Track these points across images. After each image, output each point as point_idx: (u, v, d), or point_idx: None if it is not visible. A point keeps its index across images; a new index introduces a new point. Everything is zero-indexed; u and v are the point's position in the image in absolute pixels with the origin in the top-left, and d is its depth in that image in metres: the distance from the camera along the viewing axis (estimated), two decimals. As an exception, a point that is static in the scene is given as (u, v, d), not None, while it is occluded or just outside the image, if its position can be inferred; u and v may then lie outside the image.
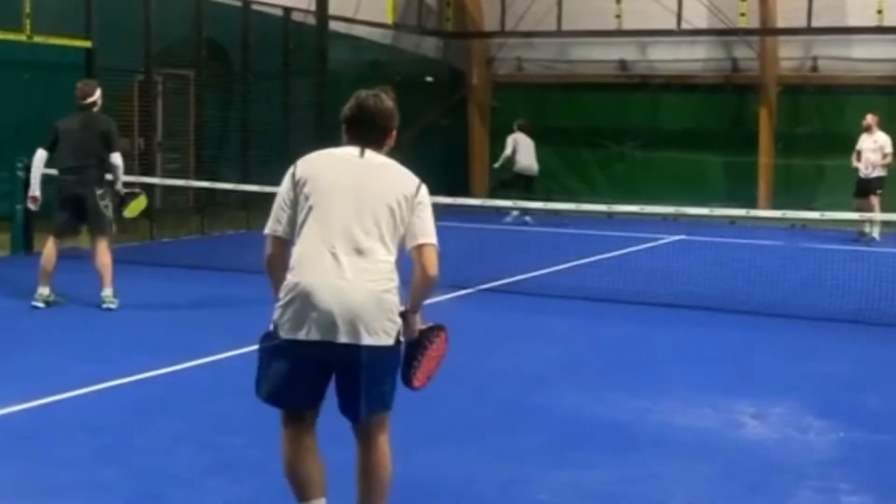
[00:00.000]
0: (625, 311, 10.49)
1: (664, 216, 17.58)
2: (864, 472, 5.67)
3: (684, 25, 20.40)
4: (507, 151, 19.27)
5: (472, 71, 23.07)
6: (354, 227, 4.13)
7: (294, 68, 18.33)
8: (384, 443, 4.38)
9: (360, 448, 4.39)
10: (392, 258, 4.20)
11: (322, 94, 18.59)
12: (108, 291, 9.68)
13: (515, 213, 18.56)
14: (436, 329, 4.54)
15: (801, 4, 19.55)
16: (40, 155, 9.89)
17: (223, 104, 17.42)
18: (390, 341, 4.18)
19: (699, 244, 16.04)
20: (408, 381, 4.45)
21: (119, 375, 7.19)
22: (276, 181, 4.27)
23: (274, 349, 4.19)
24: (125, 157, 15.58)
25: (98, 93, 9.90)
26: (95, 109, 9.87)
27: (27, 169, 12.77)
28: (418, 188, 4.30)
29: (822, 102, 20.54)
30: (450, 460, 5.74)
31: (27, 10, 13.39)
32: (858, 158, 17.10)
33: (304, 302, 4.08)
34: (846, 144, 18.69)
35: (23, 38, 13.42)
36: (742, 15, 20.35)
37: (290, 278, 4.14)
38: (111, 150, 9.78)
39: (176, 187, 15.81)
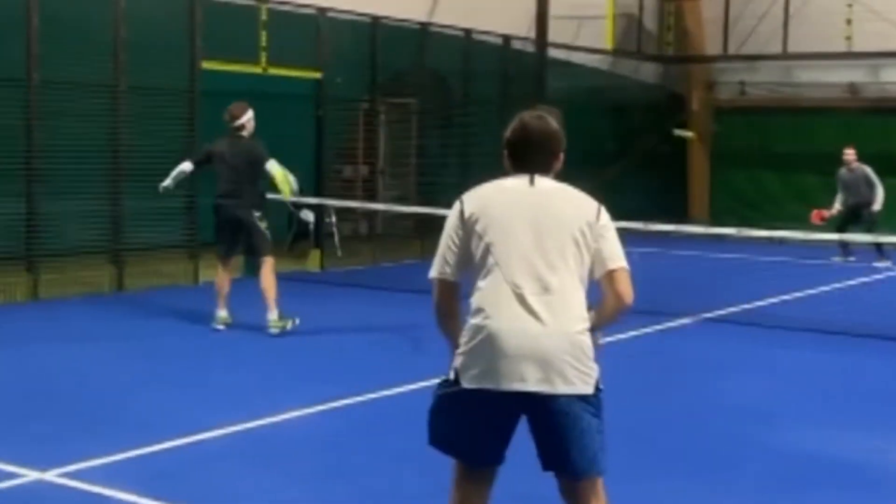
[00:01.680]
0: (857, 344, 10.02)
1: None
2: None
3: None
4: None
5: (692, 95, 22.67)
6: (539, 263, 3.77)
7: (513, 96, 18.49)
8: None
9: None
10: (583, 293, 3.85)
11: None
12: (272, 315, 9.50)
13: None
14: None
15: None
16: (184, 165, 9.89)
17: (443, 132, 17.76)
18: (589, 389, 3.77)
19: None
20: None
21: (342, 396, 7.38)
22: None
23: (454, 397, 3.82)
24: (349, 183, 16.31)
25: (248, 115, 9.69)
26: (245, 133, 9.70)
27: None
28: (598, 211, 3.90)
29: None
30: (670, 493, 5.61)
31: (263, 43, 14.08)
32: None
33: (489, 348, 3.72)
34: None
35: (259, 70, 14.10)
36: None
37: (473, 322, 3.79)
38: (259, 177, 9.72)
39: (398, 213, 16.20)
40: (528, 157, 3.97)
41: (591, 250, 3.86)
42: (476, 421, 3.82)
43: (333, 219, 15.57)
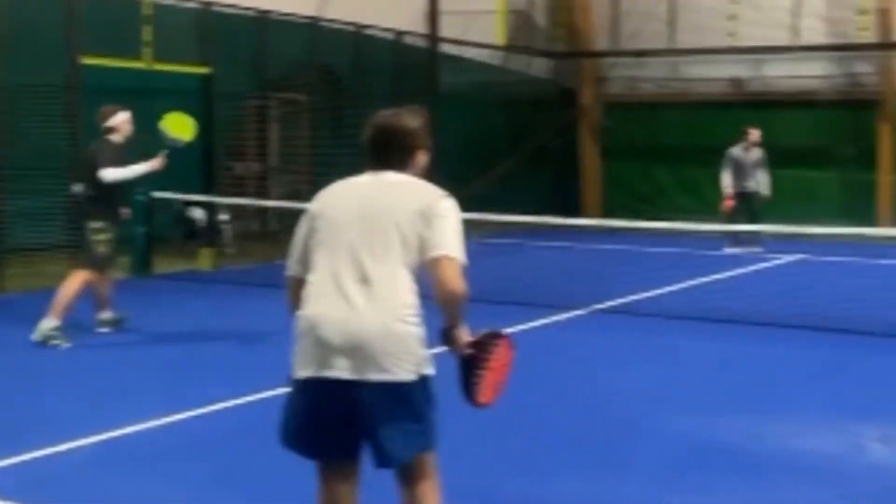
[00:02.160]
0: (740, 330, 10.25)
1: (782, 235, 17.17)
2: None
3: (801, 41, 19.98)
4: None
5: (583, 90, 22.95)
6: (362, 252, 3.81)
7: (405, 91, 18.47)
8: (430, 495, 3.96)
9: (403, 499, 3.98)
10: (408, 281, 3.84)
11: (432, 116, 18.65)
12: (48, 323, 8.87)
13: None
14: (491, 337, 4.18)
15: (924, 16, 18.99)
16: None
17: (335, 128, 17.65)
18: (410, 376, 3.78)
19: (819, 264, 15.65)
20: (472, 399, 4.13)
21: (233, 396, 7.28)
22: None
23: (291, 390, 3.91)
24: (240, 180, 16.09)
25: (118, 117, 9.21)
26: (116, 136, 9.21)
27: (146, 194, 13.22)
28: (436, 200, 3.90)
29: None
30: (563, 482, 5.65)
31: (147, 38, 13.79)
32: None
33: (309, 337, 3.80)
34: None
35: (143, 65, 13.80)
36: (861, 30, 19.85)
37: (300, 314, 3.89)
38: (97, 184, 9.06)
39: (290, 210, 16.04)
40: (380, 153, 4.05)
41: (419, 238, 3.84)
42: (310, 412, 3.86)
43: (225, 217, 15.35)
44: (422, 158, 4.09)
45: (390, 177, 4.00)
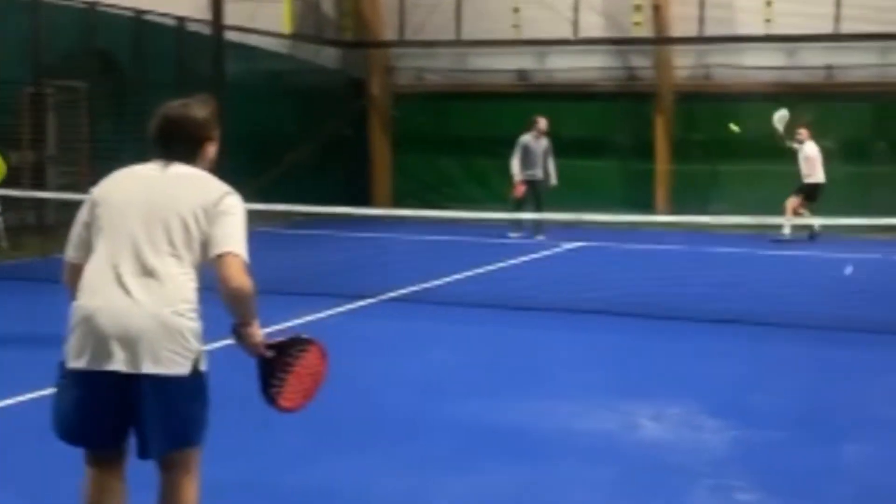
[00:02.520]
0: (526, 317, 10.54)
1: (564, 223, 17.76)
2: (757, 470, 5.77)
3: (581, 35, 20.67)
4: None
5: (372, 81, 23.02)
6: (143, 244, 3.77)
7: (190, 79, 18.07)
8: (186, 487, 3.90)
9: (160, 492, 3.93)
10: (188, 276, 3.82)
11: (219, 105, 18.33)
12: None
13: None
14: (299, 343, 4.16)
15: (694, 14, 19.94)
16: None
17: (117, 116, 17.09)
18: (183, 370, 3.73)
19: (599, 250, 16.26)
20: (272, 402, 4.10)
21: (4, 396, 6.98)
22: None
23: (63, 381, 3.82)
24: (15, 171, 15.34)
25: None
26: None
27: None
28: (221, 197, 3.88)
29: (715, 109, 20.96)
30: (348, 470, 5.68)
31: None
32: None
33: (83, 328, 3.74)
34: (738, 150, 19.14)
35: None
36: (636, 24, 20.71)
37: (75, 303, 3.82)
38: None
39: (69, 202, 15.43)
40: (165, 144, 3.98)
41: (203, 234, 3.82)
42: (82, 403, 3.79)
43: (-3, 209, 14.65)
44: (210, 150, 4.07)
45: (177, 169, 3.94)
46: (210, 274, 3.86)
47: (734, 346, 9.25)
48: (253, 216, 14.25)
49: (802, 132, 17.65)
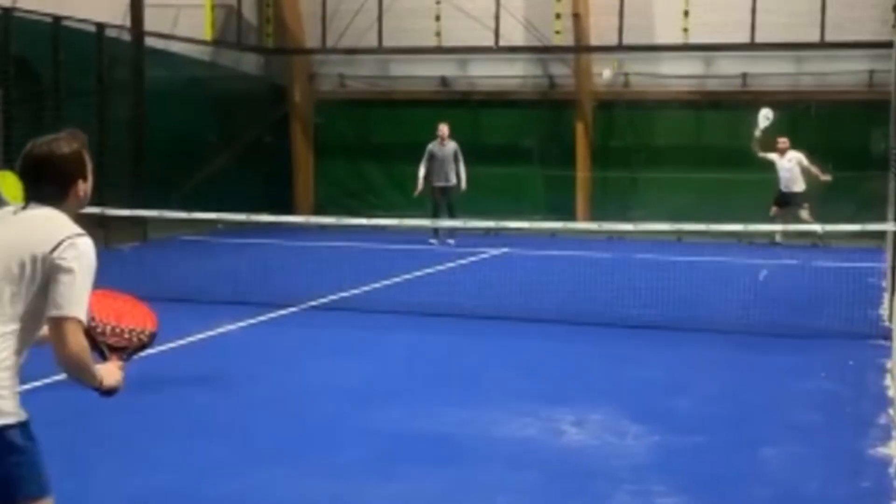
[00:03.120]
0: (449, 324, 10.61)
1: (486, 230, 17.89)
2: (677, 474, 5.89)
3: (502, 43, 20.85)
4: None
5: (294, 87, 22.95)
6: None
7: (109, 85, 17.85)
8: None
9: None
10: (8, 326, 3.46)
11: (139, 112, 18.19)
12: None
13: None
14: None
15: (613, 23, 20.23)
16: None
17: (34, 122, 16.78)
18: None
19: (521, 257, 16.40)
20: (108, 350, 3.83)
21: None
22: (92, 200, 3.93)
23: None
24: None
25: None
26: None
27: None
28: (59, 244, 3.48)
29: (634, 117, 21.30)
30: (271, 480, 5.68)
31: None
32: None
33: None
34: (657, 157, 19.48)
35: None
36: (557, 33, 20.96)
37: None
38: None
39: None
40: (33, 185, 3.66)
41: (35, 286, 3.48)
42: None
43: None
44: (81, 188, 3.72)
45: (34, 212, 3.61)
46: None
47: (655, 351, 9.42)
48: (175, 224, 14.14)
49: (783, 142, 18.02)
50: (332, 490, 5.55)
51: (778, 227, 16.65)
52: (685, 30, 20.12)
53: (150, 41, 18.52)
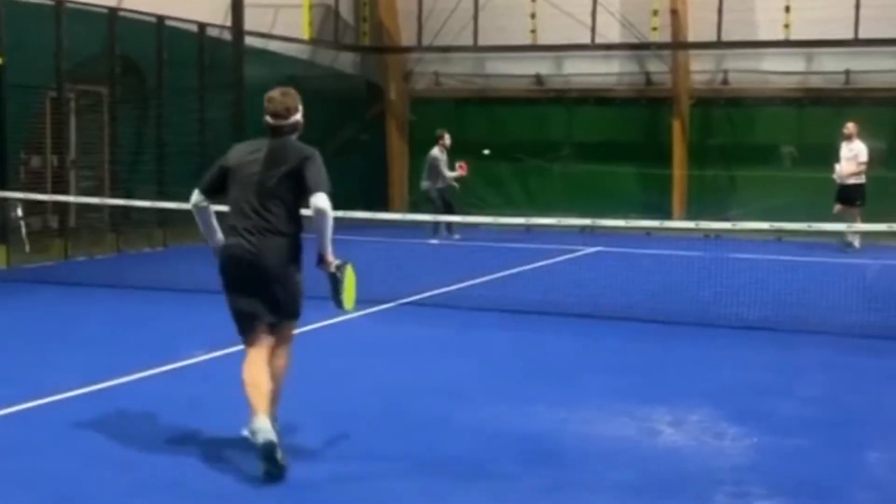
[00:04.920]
0: (544, 322, 10.58)
1: (581, 228, 17.79)
2: (776, 477, 5.79)
3: (598, 40, 20.71)
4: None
5: (390, 86, 23.11)
6: None
7: (210, 84, 18.19)
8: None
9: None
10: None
11: (238, 110, 18.49)
12: None
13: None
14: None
15: (712, 19, 19.97)
16: None
17: (138, 120, 17.21)
18: None
19: (616, 255, 16.27)
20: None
21: (31, 397, 7.05)
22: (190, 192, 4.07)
23: None
24: (38, 175, 15.47)
25: None
26: None
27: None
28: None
29: (733, 114, 20.99)
30: (368, 474, 5.73)
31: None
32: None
33: None
34: (757, 155, 19.13)
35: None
36: (654, 30, 20.75)
37: None
38: None
39: (90, 205, 15.57)
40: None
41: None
42: None
43: (19, 212, 14.75)
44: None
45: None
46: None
47: (755, 351, 9.27)
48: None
49: (850, 127, 17.04)
50: (426, 486, 5.58)
51: (881, 227, 16.05)
52: (786, 26, 19.74)
53: (249, 40, 18.82)
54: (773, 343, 9.64)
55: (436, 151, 18.64)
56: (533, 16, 21.30)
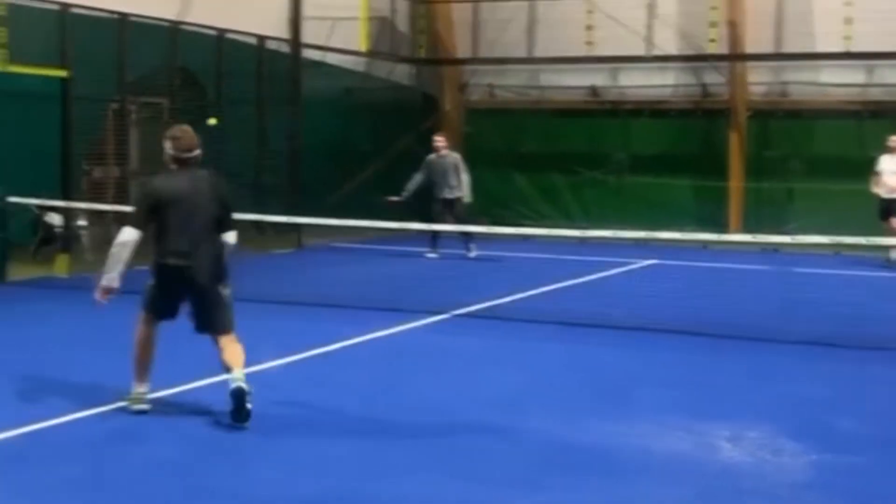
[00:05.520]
0: (598, 334, 10.57)
1: (636, 241, 17.74)
2: (836, 495, 5.76)
3: (654, 52, 20.65)
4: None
5: (445, 97, 23.21)
6: None
7: (267, 96, 18.41)
8: None
9: None
10: None
11: (295, 122, 18.69)
12: None
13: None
14: None
15: (770, 30, 19.84)
16: None
17: (197, 131, 17.41)
18: None
19: (671, 268, 16.20)
20: None
21: (98, 404, 7.19)
22: (251, 206, 4.18)
23: None
24: (99, 185, 15.76)
25: None
26: None
27: (1, 198, 12.98)
28: None
29: (790, 127, 20.80)
30: (424, 486, 5.77)
31: (3, 40, 13.45)
32: (877, 182, 16.60)
33: None
34: (815, 168, 18.95)
35: (-2, 67, 13.51)
36: (711, 41, 20.64)
37: None
38: None
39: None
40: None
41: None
42: None
43: (82, 222, 15.02)
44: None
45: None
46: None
47: (813, 367, 9.19)
48: (328, 230, 14.55)
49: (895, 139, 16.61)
50: (479, 497, 5.61)
51: None
52: (847, 38, 19.54)
53: (306, 52, 19.04)
54: (832, 358, 9.55)
55: (429, 156, 17.50)
56: (589, 27, 21.29)
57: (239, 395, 6.68)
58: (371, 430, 6.77)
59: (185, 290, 7.09)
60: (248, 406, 6.68)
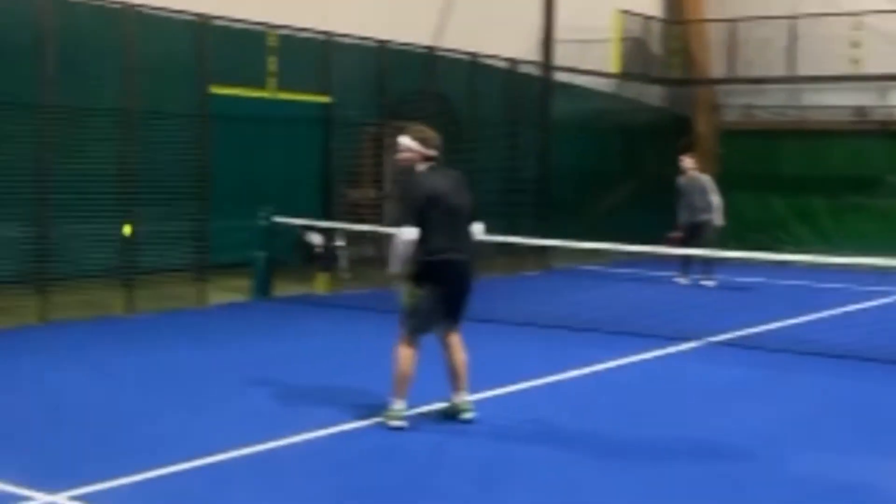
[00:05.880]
0: (864, 368, 10.02)
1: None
2: None
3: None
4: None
5: (698, 118, 22.74)
6: None
7: (518, 118, 18.57)
8: None
9: None
10: None
11: (546, 144, 18.76)
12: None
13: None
14: None
15: None
16: None
17: (450, 154, 17.75)
18: None
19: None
20: None
21: (360, 418, 7.39)
22: (500, 228, 4.19)
23: None
24: (356, 206, 16.32)
25: None
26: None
27: (267, 219, 13.70)
28: None
29: None
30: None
31: (272, 68, 14.23)
32: None
33: None
34: None
35: (267, 94, 14.25)
36: None
37: None
38: None
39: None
40: None
41: None
42: None
43: (341, 242, 15.60)
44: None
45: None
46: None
47: None
48: (577, 253, 14.53)
49: None
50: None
51: None
52: None
53: (558, 75, 19.10)
54: None
55: (679, 180, 16.79)
56: (855, 45, 20.34)
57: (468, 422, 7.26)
58: (632, 458, 6.64)
59: (459, 284, 7.26)
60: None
